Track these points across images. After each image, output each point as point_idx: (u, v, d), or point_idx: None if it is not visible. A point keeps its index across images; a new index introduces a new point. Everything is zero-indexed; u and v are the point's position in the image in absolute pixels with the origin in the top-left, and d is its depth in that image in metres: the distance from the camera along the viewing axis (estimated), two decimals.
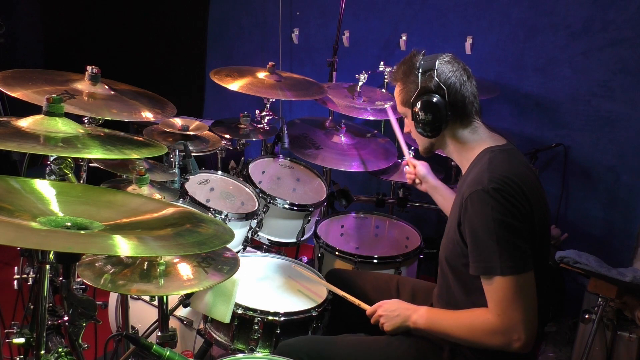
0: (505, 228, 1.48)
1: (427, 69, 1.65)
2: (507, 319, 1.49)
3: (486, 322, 1.53)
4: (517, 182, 1.53)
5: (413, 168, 2.17)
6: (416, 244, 2.60)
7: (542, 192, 1.66)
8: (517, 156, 1.66)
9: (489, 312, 1.52)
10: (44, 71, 1.97)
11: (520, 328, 1.49)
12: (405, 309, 1.75)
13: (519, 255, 1.49)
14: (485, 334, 1.54)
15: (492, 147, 1.65)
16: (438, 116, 1.64)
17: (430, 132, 1.68)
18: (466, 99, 1.65)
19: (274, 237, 2.52)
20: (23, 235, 1.06)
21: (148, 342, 1.33)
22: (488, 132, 1.71)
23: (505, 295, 1.49)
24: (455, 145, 1.71)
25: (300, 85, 2.76)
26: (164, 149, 1.62)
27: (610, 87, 2.99)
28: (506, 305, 1.49)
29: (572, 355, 2.65)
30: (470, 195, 1.53)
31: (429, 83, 1.64)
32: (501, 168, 1.56)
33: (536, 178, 1.66)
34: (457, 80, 1.64)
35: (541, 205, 1.61)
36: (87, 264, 1.49)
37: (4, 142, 1.30)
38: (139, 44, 4.33)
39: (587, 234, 3.13)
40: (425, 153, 1.81)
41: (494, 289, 1.51)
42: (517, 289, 1.48)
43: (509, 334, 1.50)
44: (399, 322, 1.74)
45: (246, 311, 1.89)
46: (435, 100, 1.63)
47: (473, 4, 3.28)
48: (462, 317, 1.62)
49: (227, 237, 1.28)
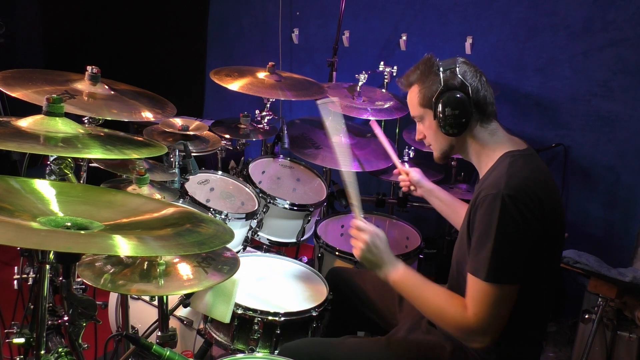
0: (505, 238, 1.48)
1: (448, 67, 1.64)
2: (481, 322, 1.50)
3: (459, 314, 1.53)
4: (534, 189, 1.52)
5: (406, 175, 2.16)
6: (416, 244, 2.60)
7: (559, 197, 1.65)
8: (536, 161, 1.65)
9: (466, 307, 1.52)
10: (44, 71, 1.97)
11: (488, 333, 1.50)
12: (386, 255, 1.66)
13: (509, 268, 1.49)
14: (453, 324, 1.55)
15: (513, 152, 1.64)
16: (464, 112, 1.62)
17: (456, 129, 1.64)
18: (487, 99, 1.65)
19: (274, 237, 2.52)
20: (23, 235, 1.07)
21: (148, 342, 1.33)
22: (507, 135, 1.70)
23: (485, 300, 1.49)
24: (475, 146, 1.69)
25: (300, 85, 2.76)
26: (164, 149, 1.62)
27: (610, 87, 2.99)
28: (484, 309, 1.49)
29: (572, 355, 2.65)
30: (485, 196, 1.52)
31: (452, 80, 1.63)
32: (520, 174, 1.55)
33: (554, 183, 1.66)
34: (477, 80, 1.64)
35: (557, 210, 1.60)
36: (87, 264, 1.49)
37: (4, 142, 1.30)
38: (139, 44, 4.33)
39: (587, 234, 3.13)
40: (442, 157, 1.76)
41: (477, 289, 1.51)
42: (496, 298, 1.49)
43: (475, 334, 1.51)
44: (371, 261, 1.66)
45: (246, 311, 1.89)
46: (459, 96, 1.62)
47: (473, 4, 3.28)
48: (438, 297, 1.60)
49: (227, 237, 1.28)
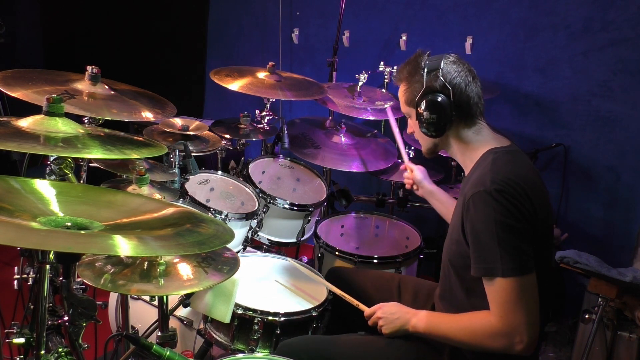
0: (507, 230, 1.48)
1: (432, 69, 1.64)
2: (510, 321, 1.48)
3: (488, 324, 1.51)
4: (520, 184, 1.52)
5: (410, 172, 2.16)
6: (416, 244, 2.60)
7: (546, 194, 1.65)
8: (521, 157, 1.65)
9: (491, 314, 1.51)
10: (44, 71, 1.97)
11: (522, 330, 1.48)
12: (405, 313, 1.73)
13: (520, 257, 1.48)
14: (487, 337, 1.52)
15: (496, 149, 1.65)
16: (443, 116, 1.63)
17: (435, 132, 1.67)
18: (471, 100, 1.65)
19: (274, 237, 2.52)
20: (23, 235, 1.07)
21: (148, 342, 1.33)
22: (492, 133, 1.70)
23: (508, 297, 1.47)
24: (459, 145, 1.70)
25: (300, 85, 2.75)
26: (164, 149, 1.62)
27: (610, 87, 2.99)
28: (508, 308, 1.48)
29: (572, 355, 2.65)
30: (473, 196, 1.52)
31: (434, 82, 1.63)
32: (504, 169, 1.55)
33: (540, 179, 1.66)
34: (462, 80, 1.63)
35: (544, 207, 1.60)
36: (87, 264, 1.48)
37: (4, 142, 1.30)
38: (139, 44, 4.33)
39: (587, 234, 3.13)
40: (428, 154, 1.79)
41: (496, 290, 1.49)
42: (519, 291, 1.47)
43: (512, 336, 1.48)
44: (398, 326, 1.72)
45: (246, 311, 1.89)
46: (440, 99, 1.62)
47: (473, 4, 3.28)
48: (462, 321, 1.60)
49: (227, 237, 1.28)
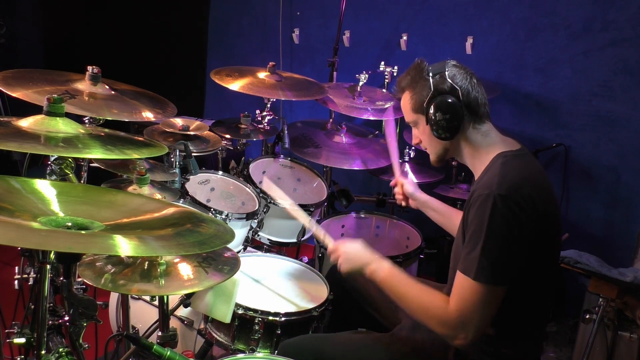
0: (495, 238, 1.48)
1: (437, 72, 1.64)
2: (464, 318, 1.51)
3: (443, 311, 1.54)
4: (527, 189, 1.52)
5: (401, 188, 2.15)
6: (417, 244, 2.60)
7: (554, 197, 1.65)
8: (530, 161, 1.65)
9: (450, 303, 1.53)
10: (44, 71, 1.97)
11: (471, 330, 1.51)
12: (368, 255, 1.71)
13: (499, 268, 1.49)
14: (436, 320, 1.56)
15: (505, 152, 1.64)
16: (455, 116, 1.62)
17: (448, 133, 1.65)
18: (478, 100, 1.65)
19: (274, 237, 2.52)
20: (24, 235, 1.07)
21: (148, 342, 1.33)
22: (500, 136, 1.70)
23: (472, 298, 1.50)
24: (469, 149, 1.69)
25: (300, 85, 2.76)
26: (165, 149, 1.62)
27: (611, 87, 2.99)
28: (469, 307, 1.50)
29: (572, 355, 2.65)
30: (478, 196, 1.53)
31: (442, 85, 1.63)
32: (512, 174, 1.55)
33: (548, 183, 1.65)
34: (468, 82, 1.64)
35: (553, 210, 1.60)
36: (88, 264, 1.48)
37: (5, 142, 1.30)
38: (140, 44, 4.33)
39: (587, 234, 3.13)
40: (437, 161, 1.76)
41: (464, 287, 1.51)
42: (485, 298, 1.49)
43: (459, 331, 1.52)
44: (356, 266, 1.72)
45: (247, 311, 1.89)
46: (450, 100, 1.62)
47: (473, 4, 3.28)
48: (422, 294, 1.62)
49: (228, 237, 1.29)
